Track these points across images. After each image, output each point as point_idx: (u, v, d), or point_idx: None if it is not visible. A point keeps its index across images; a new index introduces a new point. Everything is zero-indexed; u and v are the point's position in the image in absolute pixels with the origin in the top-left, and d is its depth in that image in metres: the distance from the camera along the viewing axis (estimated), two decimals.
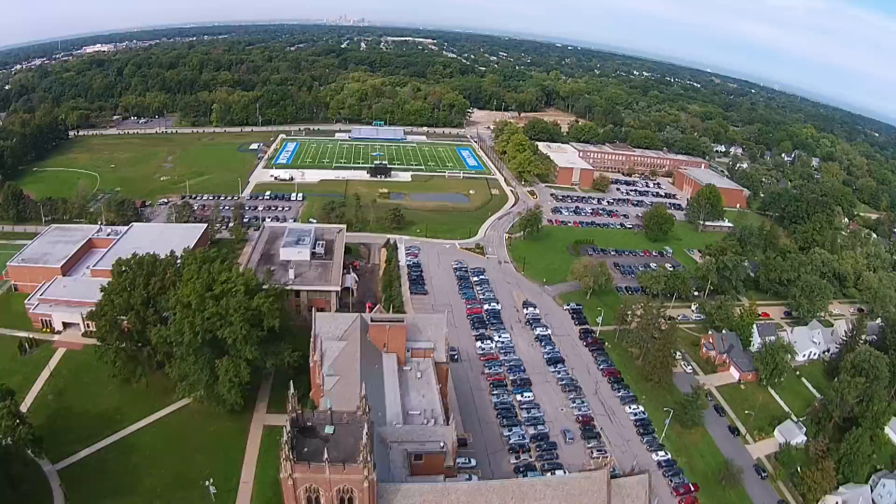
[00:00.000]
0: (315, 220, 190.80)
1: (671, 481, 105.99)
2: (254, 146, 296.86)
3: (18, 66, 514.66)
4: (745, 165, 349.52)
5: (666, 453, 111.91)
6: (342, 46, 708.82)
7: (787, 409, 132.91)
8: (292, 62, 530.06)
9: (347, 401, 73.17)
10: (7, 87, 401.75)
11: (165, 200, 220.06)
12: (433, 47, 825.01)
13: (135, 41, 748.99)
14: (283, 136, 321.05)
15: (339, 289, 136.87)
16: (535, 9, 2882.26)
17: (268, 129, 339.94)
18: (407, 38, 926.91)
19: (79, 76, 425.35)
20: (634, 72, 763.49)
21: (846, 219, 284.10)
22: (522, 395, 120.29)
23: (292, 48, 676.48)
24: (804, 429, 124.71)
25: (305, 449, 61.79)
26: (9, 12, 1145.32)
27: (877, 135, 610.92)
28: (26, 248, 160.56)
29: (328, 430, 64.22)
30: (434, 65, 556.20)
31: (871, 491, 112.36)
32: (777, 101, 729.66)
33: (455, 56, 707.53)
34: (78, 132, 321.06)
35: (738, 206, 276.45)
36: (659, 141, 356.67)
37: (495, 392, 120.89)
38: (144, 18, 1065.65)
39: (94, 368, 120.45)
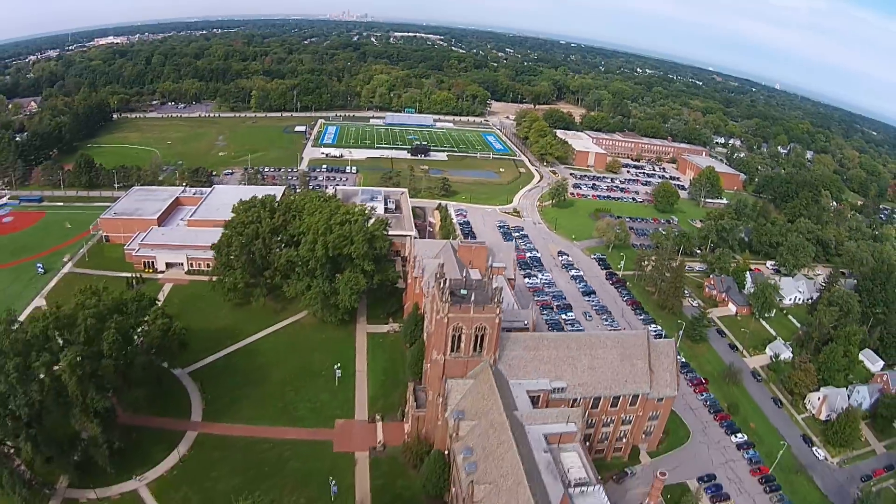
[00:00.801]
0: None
1: (686, 376, 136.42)
2: (299, 128, 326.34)
3: (32, 57, 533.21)
4: (742, 155, 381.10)
5: (681, 358, 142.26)
6: (354, 41, 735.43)
7: (775, 334, 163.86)
8: (314, 55, 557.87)
9: None
10: (29, 75, 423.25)
11: (230, 171, 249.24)
12: (442, 43, 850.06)
13: (147, 34, 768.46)
14: (323, 120, 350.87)
15: (413, 234, 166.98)
16: (538, 6, 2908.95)
17: (305, 114, 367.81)
18: (415, 34, 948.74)
19: (105, 64, 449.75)
20: (637, 69, 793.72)
21: (834, 202, 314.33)
22: (566, 315, 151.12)
23: (306, 42, 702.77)
24: (790, 348, 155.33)
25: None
26: (13, 6, 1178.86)
27: (875, 133, 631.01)
28: (116, 205, 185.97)
29: (463, 291, 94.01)
30: (449, 59, 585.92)
31: (849, 398, 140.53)
32: (776, 99, 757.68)
33: (465, 52, 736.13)
34: (120, 115, 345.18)
35: (735, 188, 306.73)
36: (664, 131, 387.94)
37: (544, 312, 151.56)
38: (147, 13, 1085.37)
39: (204, 297, 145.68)
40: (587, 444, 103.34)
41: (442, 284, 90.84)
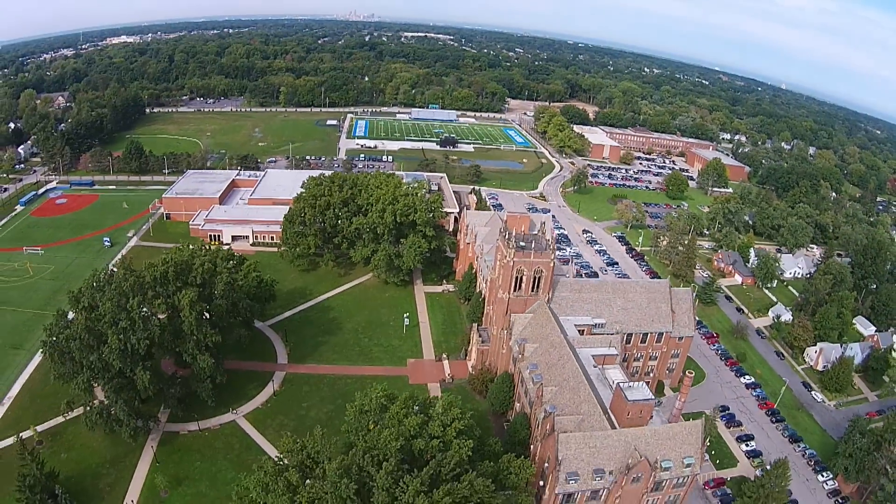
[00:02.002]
0: None
1: (699, 330, 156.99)
2: (331, 122, 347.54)
3: (46, 56, 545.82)
4: (747, 149, 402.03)
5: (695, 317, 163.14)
6: (367, 41, 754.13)
7: (776, 300, 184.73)
8: (332, 53, 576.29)
9: None
10: (49, 73, 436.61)
11: (274, 159, 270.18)
12: (452, 43, 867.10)
13: (160, 33, 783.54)
14: (352, 115, 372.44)
15: (456, 211, 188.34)
16: (544, 6, 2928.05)
17: (333, 110, 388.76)
18: (425, 35, 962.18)
19: (127, 62, 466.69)
20: (645, 69, 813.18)
21: (833, 193, 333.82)
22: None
23: (321, 41, 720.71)
24: (790, 312, 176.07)
25: None
26: (15, 6, 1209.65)
27: (878, 132, 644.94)
28: (176, 186, 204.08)
29: (522, 243, 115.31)
30: (464, 58, 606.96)
31: (843, 353, 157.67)
32: (782, 98, 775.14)
33: (476, 51, 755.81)
34: (152, 109, 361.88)
35: (740, 179, 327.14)
36: (673, 127, 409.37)
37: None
38: (150, 14, 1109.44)
39: (272, 265, 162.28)
40: None
41: (507, 236, 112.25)
